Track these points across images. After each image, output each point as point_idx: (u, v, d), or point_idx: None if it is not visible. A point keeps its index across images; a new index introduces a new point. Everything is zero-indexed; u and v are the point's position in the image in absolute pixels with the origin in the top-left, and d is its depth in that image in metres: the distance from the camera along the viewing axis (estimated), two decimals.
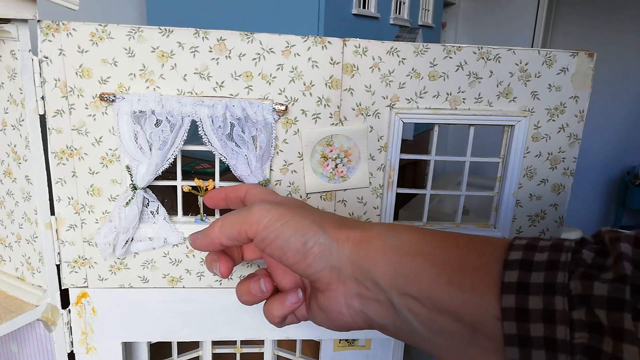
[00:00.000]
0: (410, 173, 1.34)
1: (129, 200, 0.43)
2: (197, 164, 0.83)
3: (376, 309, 0.31)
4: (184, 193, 0.45)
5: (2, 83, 0.41)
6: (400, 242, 0.31)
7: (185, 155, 0.44)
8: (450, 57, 0.43)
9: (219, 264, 0.35)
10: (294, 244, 0.31)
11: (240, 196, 0.40)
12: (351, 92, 0.44)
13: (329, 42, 0.42)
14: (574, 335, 0.24)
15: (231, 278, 0.48)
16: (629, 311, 0.23)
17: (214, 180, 0.45)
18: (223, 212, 0.47)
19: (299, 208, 0.34)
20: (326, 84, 0.43)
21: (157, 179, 0.43)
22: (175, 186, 0.45)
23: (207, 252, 0.38)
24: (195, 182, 0.45)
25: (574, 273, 0.25)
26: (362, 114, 0.44)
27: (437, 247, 0.30)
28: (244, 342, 0.58)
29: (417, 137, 1.30)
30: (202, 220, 0.46)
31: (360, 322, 0.33)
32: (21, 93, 0.40)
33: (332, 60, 0.42)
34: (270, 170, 0.45)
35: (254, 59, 0.42)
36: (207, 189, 0.45)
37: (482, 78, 0.44)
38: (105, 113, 0.42)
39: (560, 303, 0.24)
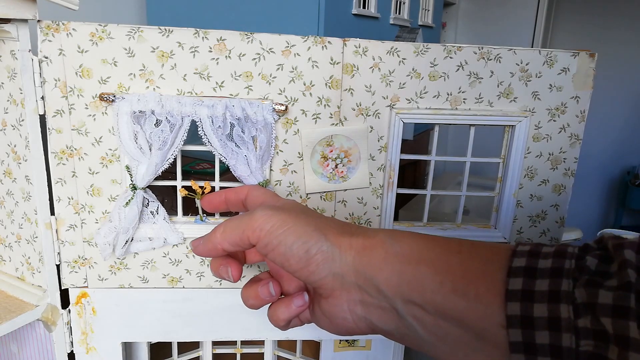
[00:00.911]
0: (410, 173, 1.34)
1: (129, 200, 0.43)
2: (197, 164, 0.83)
3: (380, 316, 0.31)
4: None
5: (2, 83, 0.41)
6: (402, 249, 0.31)
7: (185, 155, 0.44)
8: (450, 57, 0.43)
9: (230, 269, 0.35)
10: (297, 251, 0.31)
11: (241, 199, 0.40)
12: (351, 92, 0.44)
13: (329, 42, 0.42)
14: (580, 343, 0.24)
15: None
16: (634, 319, 0.23)
17: (213, 180, 0.45)
18: (223, 213, 0.47)
19: (301, 213, 0.33)
20: (326, 84, 0.43)
21: (157, 179, 0.43)
22: (175, 186, 0.45)
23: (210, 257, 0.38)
24: (191, 184, 0.45)
25: (578, 280, 0.25)
26: (362, 114, 0.44)
27: (439, 254, 0.30)
28: (244, 343, 0.58)
29: (417, 137, 1.30)
30: (202, 220, 0.46)
31: (363, 327, 0.33)
32: (21, 93, 0.40)
33: (332, 60, 0.42)
34: (270, 170, 0.45)
35: (254, 59, 0.41)
36: (203, 192, 0.45)
37: (482, 78, 0.44)
38: (105, 113, 0.42)
39: (566, 311, 0.24)
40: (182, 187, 0.45)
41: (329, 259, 0.31)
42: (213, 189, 0.45)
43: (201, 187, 0.45)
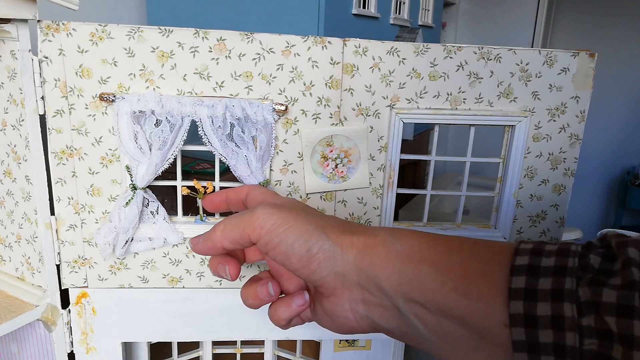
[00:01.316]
0: (410, 173, 1.34)
1: (129, 200, 0.43)
2: (197, 164, 0.83)
3: (382, 314, 0.31)
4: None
5: (2, 83, 0.41)
6: (404, 247, 0.31)
7: (185, 155, 0.44)
8: (450, 57, 0.43)
9: (228, 267, 0.35)
10: (298, 250, 0.31)
11: (241, 198, 0.40)
12: (351, 92, 0.44)
13: (329, 42, 0.42)
14: (584, 342, 0.24)
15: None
16: (638, 318, 0.22)
17: (213, 180, 0.45)
18: (223, 213, 0.47)
19: (302, 212, 0.33)
20: (326, 84, 0.43)
21: (157, 179, 0.43)
22: (175, 186, 0.45)
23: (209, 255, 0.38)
24: (194, 184, 0.45)
25: (581, 279, 0.25)
26: (362, 114, 0.44)
27: (441, 253, 0.30)
28: (244, 342, 0.58)
29: (417, 137, 1.30)
30: (202, 220, 0.46)
31: (365, 326, 0.33)
32: (21, 93, 0.40)
33: (332, 60, 0.42)
34: (270, 170, 0.45)
35: (254, 59, 0.42)
36: (205, 191, 0.45)
37: (482, 78, 0.44)
38: (105, 113, 0.42)
39: (569, 309, 0.24)
40: (185, 186, 0.45)
41: (330, 257, 0.31)
42: (214, 189, 0.45)
43: (204, 187, 0.45)
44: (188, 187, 0.45)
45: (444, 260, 0.29)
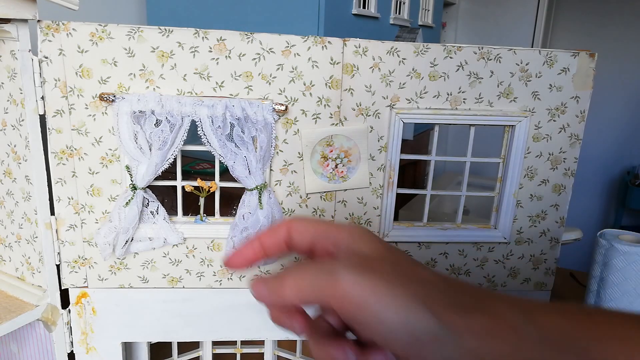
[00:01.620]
0: (410, 173, 1.34)
1: (129, 200, 0.43)
2: (197, 164, 0.83)
3: None
4: (184, 193, 0.45)
5: (2, 83, 0.41)
6: (545, 333, 0.24)
7: (185, 155, 0.44)
8: (450, 57, 0.43)
9: (297, 324, 0.29)
10: (401, 335, 0.25)
11: (282, 238, 0.31)
12: (351, 92, 0.44)
13: (329, 42, 0.42)
14: None
15: (231, 278, 0.48)
16: None
17: (214, 180, 0.45)
18: (224, 213, 0.47)
19: (394, 273, 0.27)
20: (326, 84, 0.43)
21: (157, 179, 0.43)
22: (175, 186, 0.45)
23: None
24: (198, 183, 0.45)
25: None
26: (362, 114, 0.44)
27: (599, 335, 0.23)
28: (244, 343, 0.58)
29: (417, 137, 1.30)
30: (202, 220, 0.46)
31: None
32: (21, 93, 0.40)
33: (332, 60, 0.42)
34: (270, 170, 0.45)
35: (254, 59, 0.41)
36: (209, 190, 0.45)
37: (482, 78, 0.44)
38: (105, 113, 0.42)
39: None
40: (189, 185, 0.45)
41: (441, 343, 0.25)
42: (210, 190, 0.45)
43: (208, 187, 0.45)
44: (192, 185, 0.45)
45: (607, 348, 0.23)
